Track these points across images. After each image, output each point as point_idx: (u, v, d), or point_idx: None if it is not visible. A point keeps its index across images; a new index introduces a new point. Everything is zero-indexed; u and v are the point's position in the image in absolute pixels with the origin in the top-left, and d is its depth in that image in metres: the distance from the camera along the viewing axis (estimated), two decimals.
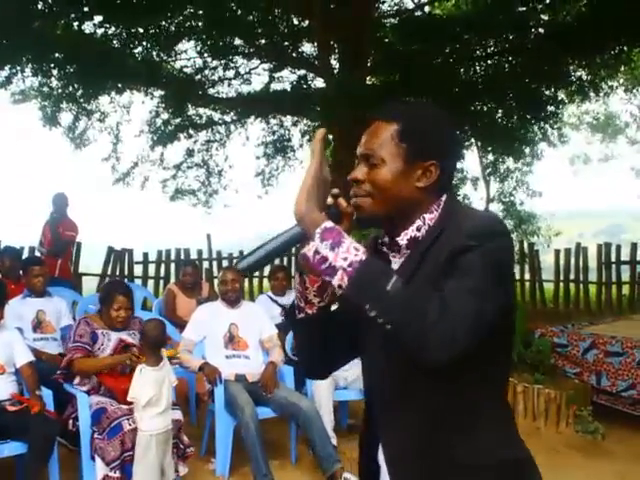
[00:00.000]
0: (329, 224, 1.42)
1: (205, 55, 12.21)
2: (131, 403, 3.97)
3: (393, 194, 1.56)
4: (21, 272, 5.96)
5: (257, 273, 11.62)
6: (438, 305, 1.34)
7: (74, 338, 4.46)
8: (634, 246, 11.55)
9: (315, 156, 1.50)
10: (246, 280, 11.29)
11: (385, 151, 1.57)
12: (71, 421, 4.30)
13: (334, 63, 11.92)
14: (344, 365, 1.83)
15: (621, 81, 15.85)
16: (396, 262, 1.62)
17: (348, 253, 1.37)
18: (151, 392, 3.92)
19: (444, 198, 1.60)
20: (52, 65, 10.54)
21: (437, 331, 1.32)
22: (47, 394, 4.32)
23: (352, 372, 5.07)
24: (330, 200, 1.54)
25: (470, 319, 1.35)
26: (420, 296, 1.37)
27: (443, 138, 1.61)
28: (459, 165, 16.78)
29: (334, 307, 1.70)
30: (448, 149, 1.62)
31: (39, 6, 9.55)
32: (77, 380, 4.42)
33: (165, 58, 12.24)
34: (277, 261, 11.56)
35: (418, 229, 1.57)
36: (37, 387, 4.28)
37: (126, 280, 10.04)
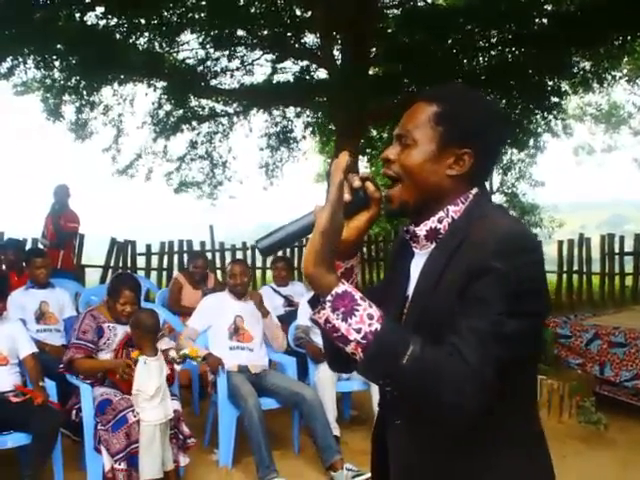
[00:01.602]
0: (340, 289, 1.31)
1: (207, 46, 12.18)
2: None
3: (421, 178, 1.47)
4: (24, 264, 5.96)
5: (259, 264, 11.62)
6: (456, 367, 1.25)
7: (77, 334, 4.45)
8: (637, 237, 11.53)
9: (331, 198, 1.35)
10: None
11: (419, 132, 1.48)
12: (74, 412, 4.32)
13: (337, 54, 11.90)
14: None
15: (624, 71, 15.81)
16: (418, 255, 1.54)
17: (362, 323, 1.28)
18: (157, 382, 3.95)
19: (474, 191, 1.50)
20: (54, 57, 10.52)
21: (454, 403, 1.25)
22: (50, 385, 4.33)
23: None
24: (358, 183, 1.45)
25: (490, 375, 1.26)
26: (436, 366, 1.26)
27: (483, 126, 1.48)
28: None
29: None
30: (487, 139, 1.49)
31: None
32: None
33: (167, 49, 12.21)
34: (280, 252, 11.60)
35: (440, 220, 1.48)
36: (40, 378, 4.28)
37: (129, 272, 10.06)
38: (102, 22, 10.74)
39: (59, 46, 10.08)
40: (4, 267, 6.45)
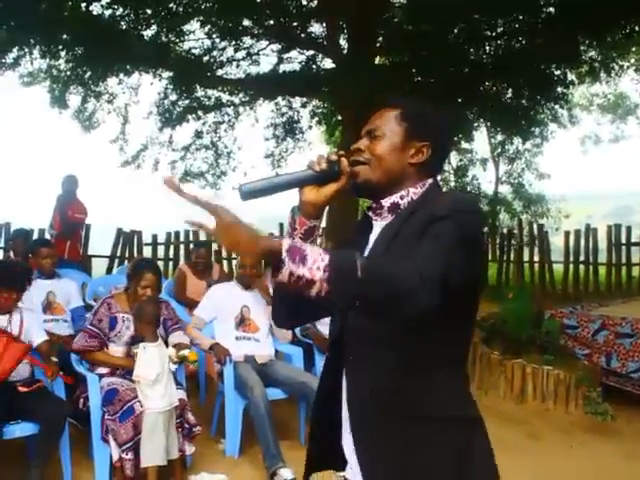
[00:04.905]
0: (287, 244, 1.46)
1: (213, 36, 12.14)
2: None
3: (387, 164, 1.78)
4: (30, 254, 5.96)
5: None
6: (405, 265, 1.47)
7: (92, 321, 4.45)
8: None
9: (215, 210, 1.53)
10: None
11: (387, 127, 1.81)
12: (82, 401, 4.33)
13: (343, 44, 11.85)
14: (315, 320, 2.01)
15: (632, 61, 15.69)
16: (377, 225, 1.80)
17: (317, 261, 1.44)
18: (158, 368, 3.96)
19: (430, 181, 1.81)
20: (60, 47, 10.50)
21: (410, 284, 1.43)
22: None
23: None
24: (334, 157, 1.74)
25: (438, 271, 1.47)
26: (387, 266, 1.49)
27: (438, 125, 1.85)
28: (469, 146, 16.74)
29: None
30: (441, 135, 1.85)
31: None
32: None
33: (173, 39, 12.16)
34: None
35: (401, 197, 1.77)
36: (53, 354, 4.30)
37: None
38: (108, 12, 10.71)
39: (65, 36, 10.06)
40: (12, 256, 6.46)
